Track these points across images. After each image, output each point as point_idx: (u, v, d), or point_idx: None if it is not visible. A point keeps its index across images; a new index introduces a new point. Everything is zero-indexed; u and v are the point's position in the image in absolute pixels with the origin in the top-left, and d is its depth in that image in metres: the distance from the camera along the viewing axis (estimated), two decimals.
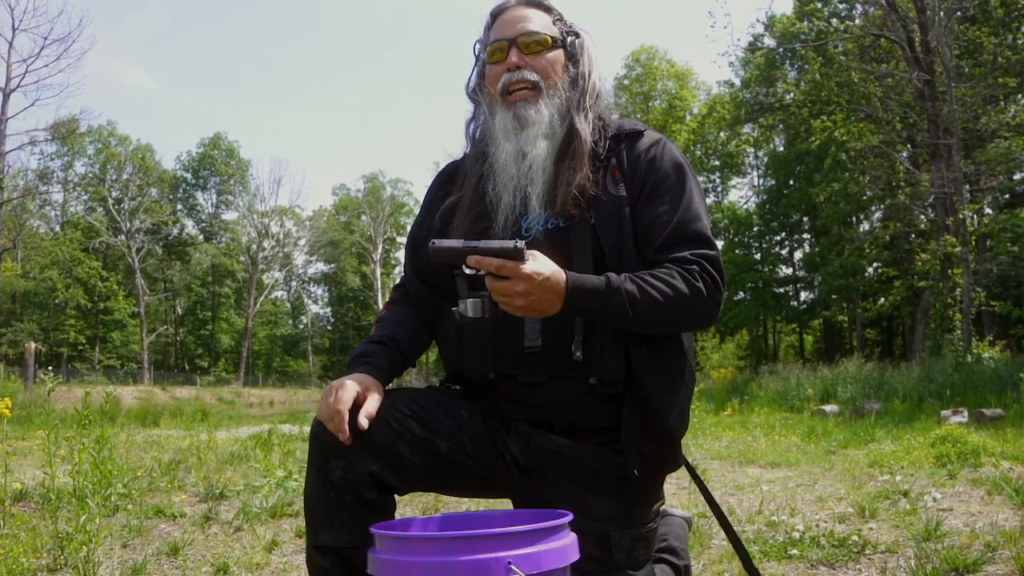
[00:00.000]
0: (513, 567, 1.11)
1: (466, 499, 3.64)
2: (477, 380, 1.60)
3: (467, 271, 1.38)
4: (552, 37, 1.67)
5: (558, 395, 1.55)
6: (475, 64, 1.76)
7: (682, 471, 1.68)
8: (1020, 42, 21.66)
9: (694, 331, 1.57)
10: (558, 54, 1.68)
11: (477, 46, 1.75)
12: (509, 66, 1.64)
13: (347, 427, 1.39)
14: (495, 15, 1.72)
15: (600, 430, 1.55)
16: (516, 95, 1.64)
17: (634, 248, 1.54)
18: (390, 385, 1.57)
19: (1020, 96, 21.55)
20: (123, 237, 44.84)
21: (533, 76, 1.64)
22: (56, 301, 43.41)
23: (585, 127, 1.62)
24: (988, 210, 21.45)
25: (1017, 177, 20.11)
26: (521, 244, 1.35)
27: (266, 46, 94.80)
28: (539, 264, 1.38)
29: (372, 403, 1.43)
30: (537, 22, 1.68)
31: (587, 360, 1.51)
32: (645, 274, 1.47)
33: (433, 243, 1.36)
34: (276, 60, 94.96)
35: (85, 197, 47.74)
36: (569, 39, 1.70)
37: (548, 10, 1.71)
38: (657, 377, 1.50)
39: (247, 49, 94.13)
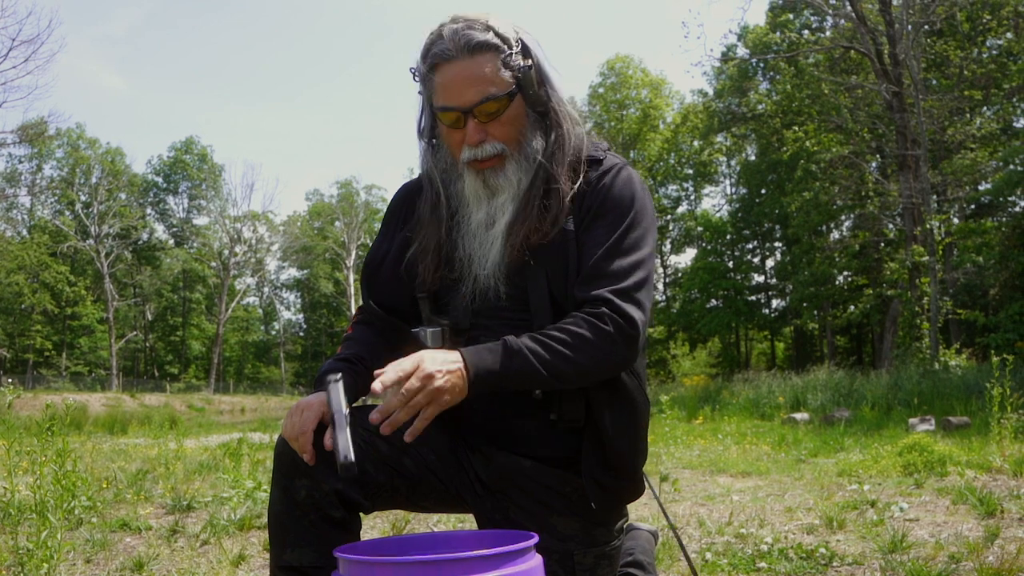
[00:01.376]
0: None
1: (435, 515, 3.62)
2: None
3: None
4: (508, 91, 1.48)
5: (519, 428, 1.54)
6: (422, 104, 1.59)
7: (653, 475, 1.67)
8: (985, 56, 22.13)
9: (614, 374, 1.47)
10: (517, 104, 1.51)
11: (416, 76, 1.55)
12: (469, 141, 1.50)
13: (311, 447, 1.39)
14: (435, 66, 1.48)
15: (562, 458, 1.55)
16: (482, 163, 1.52)
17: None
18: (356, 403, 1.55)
19: (986, 108, 21.99)
20: (92, 241, 44.23)
21: (497, 147, 1.50)
22: (22, 306, 42.63)
23: (557, 172, 1.52)
24: (955, 220, 21.84)
25: (983, 188, 20.50)
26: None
27: (241, 49, 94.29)
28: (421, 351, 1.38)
29: None
30: (488, 77, 1.46)
31: (547, 398, 1.50)
32: (549, 328, 1.43)
33: (345, 459, 1.28)
34: (252, 62, 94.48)
35: (53, 200, 47.04)
36: (523, 72, 1.48)
37: (495, 48, 1.47)
38: (617, 419, 1.48)
39: (221, 52, 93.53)
